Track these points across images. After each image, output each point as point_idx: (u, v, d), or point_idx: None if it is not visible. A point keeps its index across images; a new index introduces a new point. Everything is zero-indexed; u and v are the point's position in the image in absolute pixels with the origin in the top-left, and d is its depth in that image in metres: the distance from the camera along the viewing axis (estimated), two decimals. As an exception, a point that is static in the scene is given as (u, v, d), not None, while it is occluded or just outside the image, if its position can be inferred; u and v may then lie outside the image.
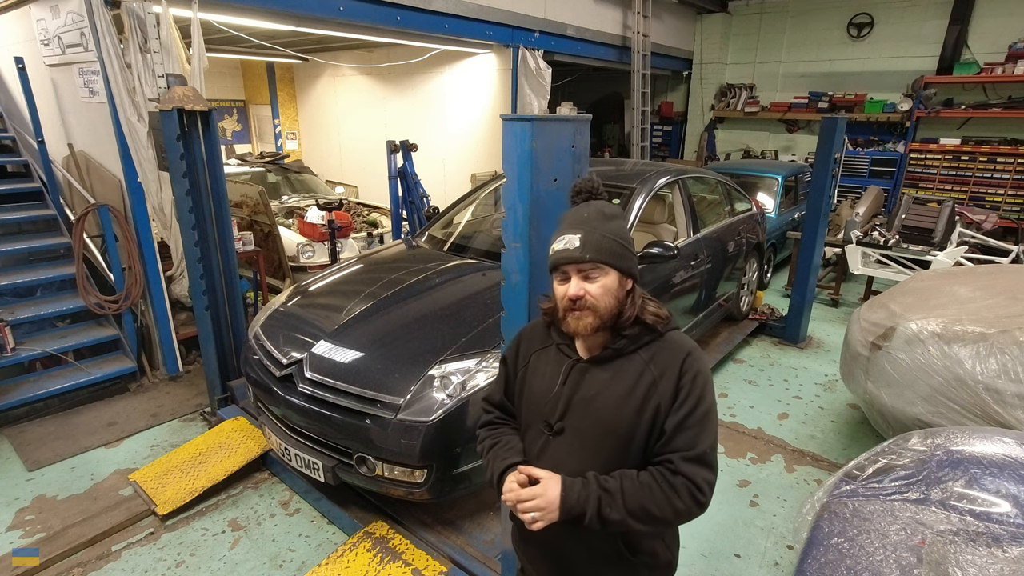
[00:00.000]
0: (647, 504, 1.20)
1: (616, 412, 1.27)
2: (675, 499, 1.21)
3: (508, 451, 1.41)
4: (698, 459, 1.23)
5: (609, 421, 1.28)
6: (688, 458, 1.22)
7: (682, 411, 1.24)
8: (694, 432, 1.24)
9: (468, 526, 2.82)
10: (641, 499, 1.20)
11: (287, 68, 10.09)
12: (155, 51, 3.81)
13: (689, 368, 1.27)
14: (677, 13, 9.17)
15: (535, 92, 6.68)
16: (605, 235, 1.27)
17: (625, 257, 1.29)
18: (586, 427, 1.31)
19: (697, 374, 1.27)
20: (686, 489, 1.21)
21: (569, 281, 1.27)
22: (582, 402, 1.31)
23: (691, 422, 1.24)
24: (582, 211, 1.32)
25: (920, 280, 3.69)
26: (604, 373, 1.31)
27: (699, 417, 1.24)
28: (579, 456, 1.31)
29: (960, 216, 6.22)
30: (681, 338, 1.34)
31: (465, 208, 4.38)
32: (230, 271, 3.71)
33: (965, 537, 1.67)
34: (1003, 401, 2.71)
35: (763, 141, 9.87)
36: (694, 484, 1.21)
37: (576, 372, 1.33)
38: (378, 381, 2.61)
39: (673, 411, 1.25)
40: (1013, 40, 7.40)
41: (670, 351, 1.30)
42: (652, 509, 1.20)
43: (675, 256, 3.47)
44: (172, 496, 3.00)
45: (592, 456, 1.30)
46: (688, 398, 1.25)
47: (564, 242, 1.27)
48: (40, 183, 4.63)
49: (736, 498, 3.17)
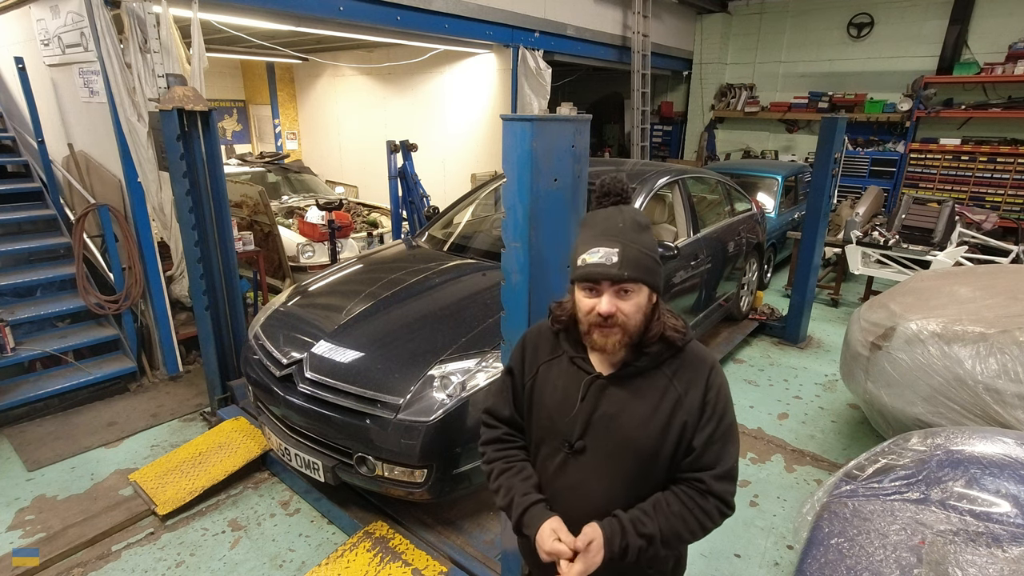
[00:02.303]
0: (682, 532, 1.23)
1: (641, 430, 1.24)
2: (707, 521, 1.24)
3: (526, 483, 1.34)
4: (726, 476, 1.24)
5: (634, 439, 1.24)
6: (718, 476, 1.24)
7: (709, 427, 1.24)
8: (721, 446, 1.24)
9: (468, 526, 2.82)
10: (677, 530, 1.22)
11: (287, 68, 10.09)
12: (155, 51, 3.81)
13: (714, 383, 1.26)
14: (677, 13, 9.16)
15: (535, 92, 6.68)
16: (643, 250, 1.18)
17: (657, 273, 1.23)
18: (609, 446, 1.26)
19: (721, 388, 1.26)
20: (716, 509, 1.24)
21: (598, 295, 1.19)
22: (604, 419, 1.26)
23: (717, 436, 1.24)
24: (615, 219, 1.21)
25: (920, 280, 3.69)
26: (625, 390, 1.26)
27: (724, 430, 1.25)
28: (602, 475, 1.28)
29: (960, 216, 6.21)
30: (701, 351, 1.31)
31: (465, 208, 4.37)
32: (230, 271, 3.71)
33: (965, 537, 1.67)
34: (1003, 401, 2.70)
35: (763, 141, 9.87)
36: (724, 502, 1.25)
37: (596, 388, 1.27)
38: (378, 381, 2.61)
39: (700, 427, 1.24)
40: (1013, 40, 7.39)
41: (693, 366, 1.27)
42: (685, 536, 1.24)
43: (675, 256, 3.48)
44: (172, 496, 3.00)
45: (616, 475, 1.27)
46: (715, 414, 1.24)
47: (599, 255, 1.16)
48: (40, 183, 4.63)
49: (736, 498, 3.16)
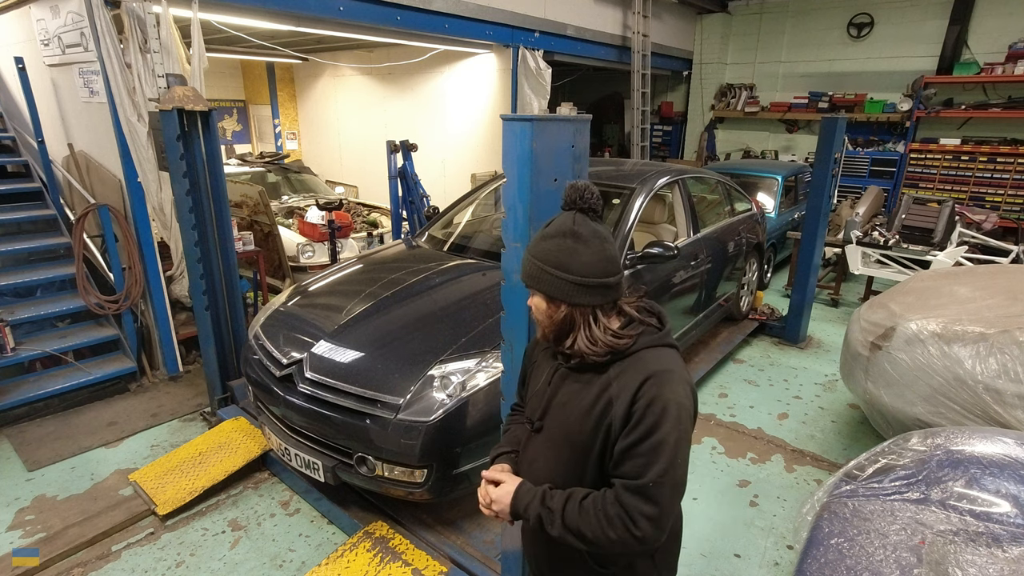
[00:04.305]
0: (582, 527, 1.19)
1: (578, 424, 1.27)
2: (608, 529, 1.17)
3: (506, 439, 1.53)
4: (639, 490, 1.15)
5: (572, 431, 1.29)
6: (629, 487, 1.17)
7: (631, 437, 1.18)
8: (642, 461, 1.16)
9: (468, 526, 2.82)
10: (578, 522, 1.20)
11: (287, 68, 10.09)
12: (155, 51, 3.81)
13: (645, 393, 1.18)
14: (677, 13, 9.17)
15: (535, 92, 6.68)
16: (529, 256, 1.27)
17: (543, 280, 1.23)
18: (556, 431, 1.34)
19: (653, 400, 1.17)
20: (619, 520, 1.16)
21: None
22: (558, 406, 1.34)
23: (640, 450, 1.16)
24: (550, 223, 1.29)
25: (920, 280, 3.69)
26: (577, 382, 1.31)
27: (650, 447, 1.16)
28: (548, 456, 1.36)
29: (960, 216, 6.22)
30: (651, 359, 1.23)
31: (465, 208, 4.37)
32: (230, 271, 3.71)
33: (965, 537, 1.67)
34: (1003, 401, 2.71)
35: (763, 141, 9.87)
36: (628, 516, 1.15)
37: (558, 376, 1.36)
38: (378, 381, 2.61)
39: (623, 435, 1.19)
40: (1013, 40, 7.40)
41: (634, 372, 1.22)
42: (586, 533, 1.19)
43: (675, 256, 3.47)
44: (172, 496, 3.00)
45: (556, 459, 1.34)
46: (639, 425, 1.17)
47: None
48: (40, 183, 4.64)
49: (736, 498, 3.18)
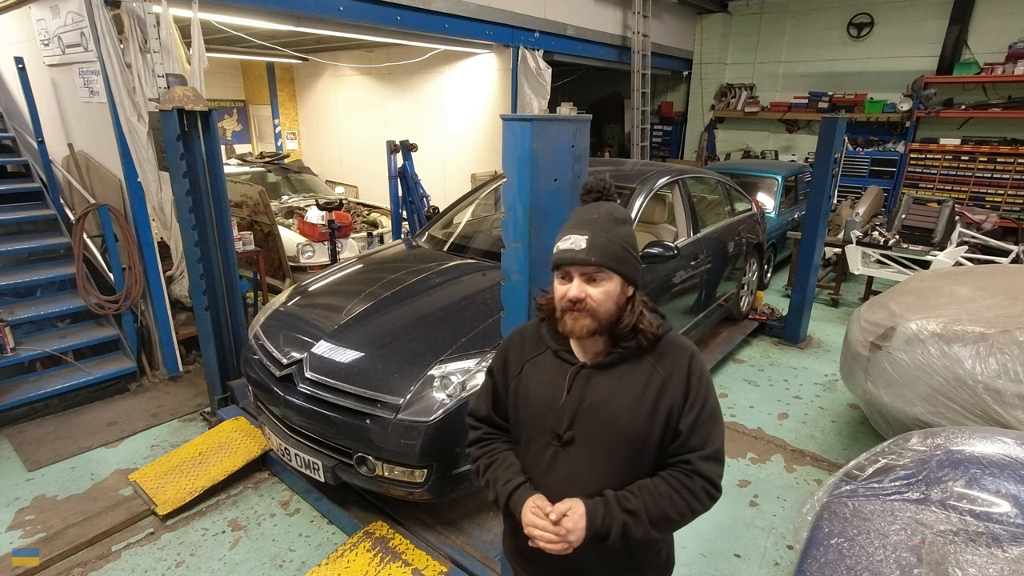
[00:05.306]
0: (669, 513, 1.24)
1: (629, 417, 1.26)
2: (694, 502, 1.25)
3: (508, 470, 1.36)
4: (713, 456, 1.26)
5: (623, 426, 1.26)
6: (705, 456, 1.26)
7: (695, 411, 1.26)
8: (706, 429, 1.27)
9: (468, 526, 2.82)
10: (664, 510, 1.23)
11: (287, 68, 10.09)
12: (155, 51, 3.81)
13: (695, 368, 1.29)
14: (677, 13, 9.16)
15: (535, 92, 6.68)
16: (612, 239, 1.24)
17: (629, 263, 1.27)
18: (599, 434, 1.28)
19: (702, 373, 1.30)
20: (703, 490, 1.25)
21: (570, 281, 1.25)
22: (592, 408, 1.28)
23: (703, 419, 1.26)
24: (591, 211, 1.29)
25: (920, 280, 3.69)
26: (610, 378, 1.28)
27: (709, 414, 1.27)
28: (593, 464, 1.29)
29: (960, 216, 6.21)
30: (680, 339, 1.35)
31: (465, 208, 4.37)
32: (230, 271, 3.71)
33: (965, 537, 1.67)
34: (1003, 401, 2.70)
35: (763, 141, 9.86)
36: (710, 483, 1.25)
37: (581, 378, 1.30)
38: (378, 381, 2.61)
39: (686, 412, 1.27)
40: (1013, 40, 7.39)
41: (674, 353, 1.31)
42: (673, 517, 1.25)
43: (675, 256, 3.47)
44: (172, 496, 3.00)
45: (606, 463, 1.28)
46: (699, 398, 1.27)
47: (570, 242, 1.24)
48: (40, 183, 4.63)
49: (736, 498, 3.17)
